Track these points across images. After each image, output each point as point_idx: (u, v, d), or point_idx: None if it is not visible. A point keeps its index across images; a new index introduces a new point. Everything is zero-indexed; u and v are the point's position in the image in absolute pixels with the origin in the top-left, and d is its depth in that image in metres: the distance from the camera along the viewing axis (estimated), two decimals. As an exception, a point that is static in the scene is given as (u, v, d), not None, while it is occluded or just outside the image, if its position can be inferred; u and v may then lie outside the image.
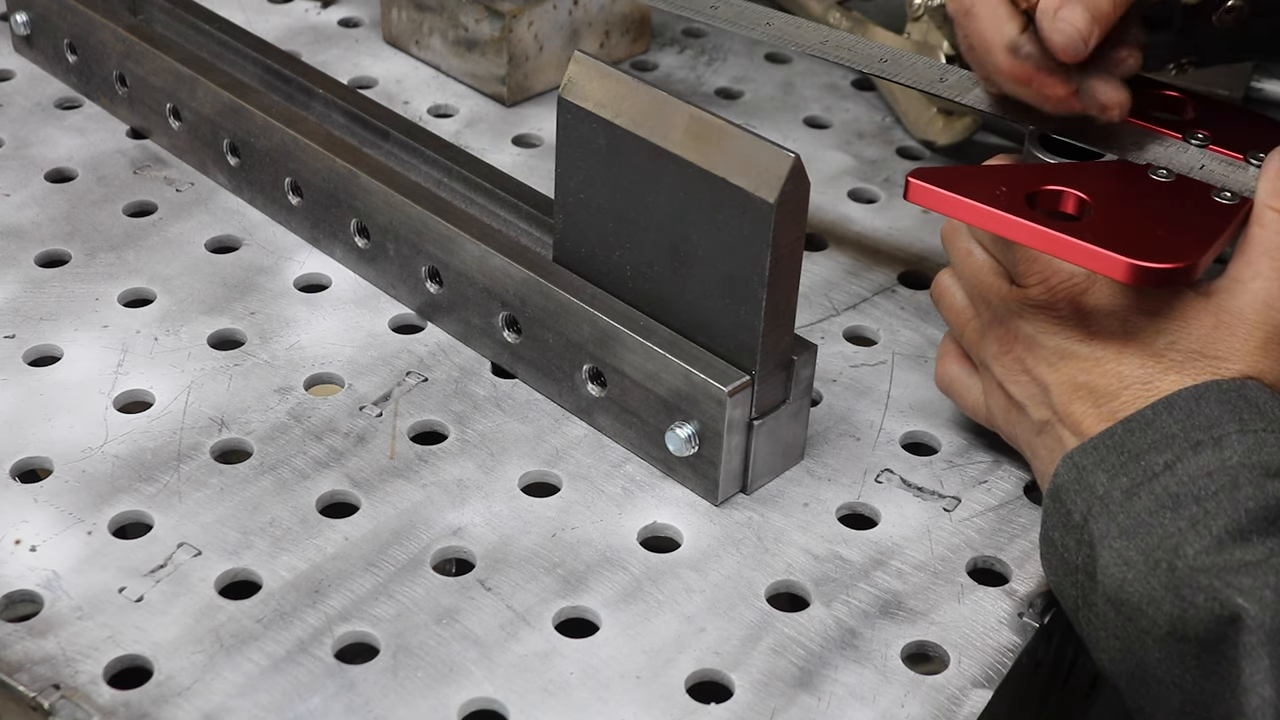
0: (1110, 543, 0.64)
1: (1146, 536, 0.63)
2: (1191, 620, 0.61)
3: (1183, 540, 0.62)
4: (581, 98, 0.74)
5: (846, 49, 0.83)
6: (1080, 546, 0.66)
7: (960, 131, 1.01)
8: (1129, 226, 0.69)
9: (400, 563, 0.71)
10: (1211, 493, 0.63)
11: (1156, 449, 0.65)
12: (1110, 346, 0.69)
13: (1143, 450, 0.65)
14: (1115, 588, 0.64)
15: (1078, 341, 0.70)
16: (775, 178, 0.67)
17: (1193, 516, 0.62)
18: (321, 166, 0.86)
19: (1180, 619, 0.61)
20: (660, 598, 0.70)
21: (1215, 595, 0.60)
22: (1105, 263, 0.67)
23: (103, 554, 0.70)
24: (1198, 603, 0.60)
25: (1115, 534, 0.64)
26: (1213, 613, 0.60)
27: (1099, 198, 0.71)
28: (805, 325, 0.86)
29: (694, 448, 0.73)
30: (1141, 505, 0.64)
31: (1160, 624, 0.62)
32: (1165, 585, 0.62)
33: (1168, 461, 0.65)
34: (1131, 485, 0.65)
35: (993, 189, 0.70)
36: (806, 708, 0.65)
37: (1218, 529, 0.62)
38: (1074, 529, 0.66)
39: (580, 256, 0.77)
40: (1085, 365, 0.69)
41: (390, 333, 0.85)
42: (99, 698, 0.63)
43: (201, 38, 1.01)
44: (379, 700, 0.64)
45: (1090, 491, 0.66)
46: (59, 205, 0.93)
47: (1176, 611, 0.61)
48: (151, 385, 0.80)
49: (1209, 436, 0.64)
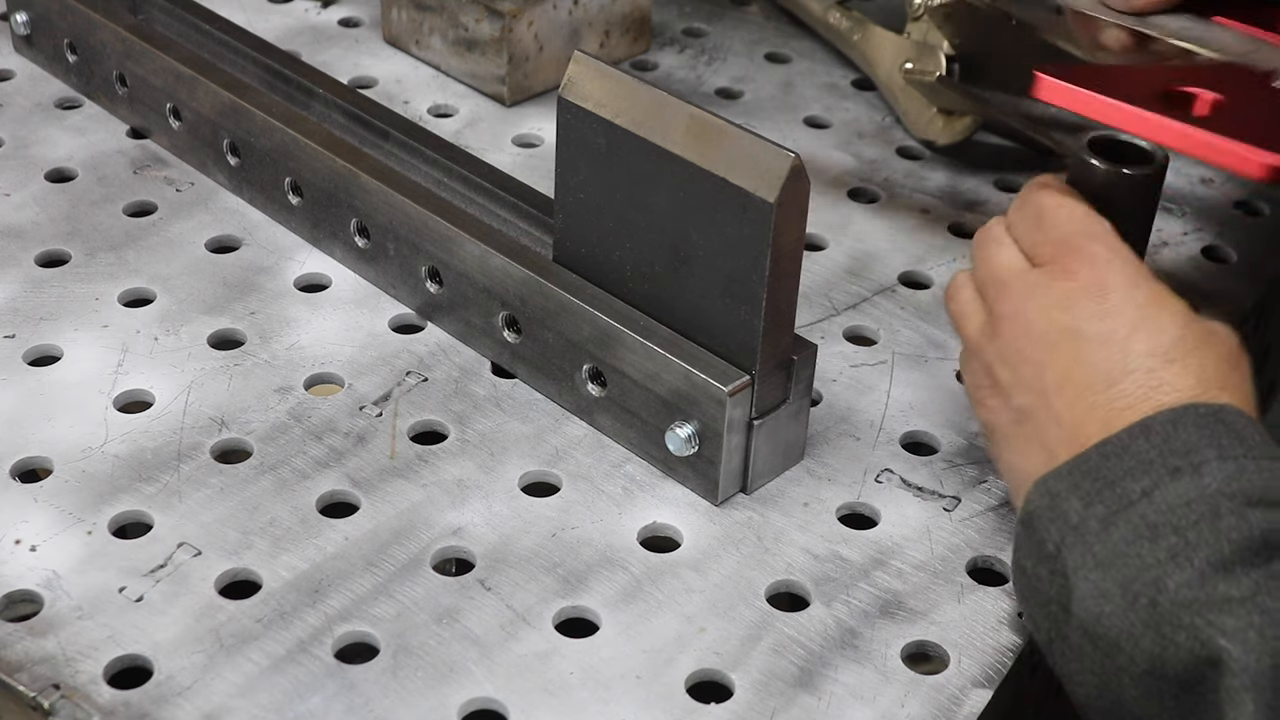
0: (1086, 574, 0.62)
1: (1124, 568, 0.61)
2: (1171, 659, 0.59)
3: (1163, 573, 0.60)
4: (581, 98, 0.74)
5: None
6: (1054, 577, 0.63)
7: (960, 131, 1.01)
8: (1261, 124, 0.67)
9: (400, 563, 0.71)
10: (1192, 522, 0.60)
11: (1133, 475, 0.62)
12: (1120, 329, 0.66)
13: (1118, 477, 0.63)
14: (1092, 621, 0.61)
15: (1085, 320, 0.67)
16: (775, 178, 0.67)
17: (1172, 548, 0.60)
18: (321, 166, 0.86)
19: (1159, 657, 0.59)
20: (660, 598, 0.70)
21: (1197, 635, 0.58)
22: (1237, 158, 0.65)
23: (103, 554, 0.70)
24: (1178, 641, 0.58)
25: (1091, 565, 0.62)
26: (1193, 653, 0.58)
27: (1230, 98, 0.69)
28: (805, 325, 0.86)
29: (694, 448, 0.73)
30: (1119, 535, 0.61)
31: (1139, 661, 0.60)
32: (1145, 621, 0.60)
33: (1144, 489, 0.62)
34: (1108, 514, 0.62)
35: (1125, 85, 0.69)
36: (806, 708, 0.65)
37: (1200, 561, 0.59)
38: (1047, 559, 0.64)
39: (580, 256, 0.77)
40: (1091, 346, 0.66)
41: (390, 333, 0.85)
42: (99, 698, 0.63)
43: (201, 38, 1.01)
44: (379, 700, 0.64)
45: (1064, 520, 0.63)
46: (59, 205, 0.93)
47: (1156, 649, 0.59)
48: (151, 385, 0.80)
49: (1187, 463, 0.62)
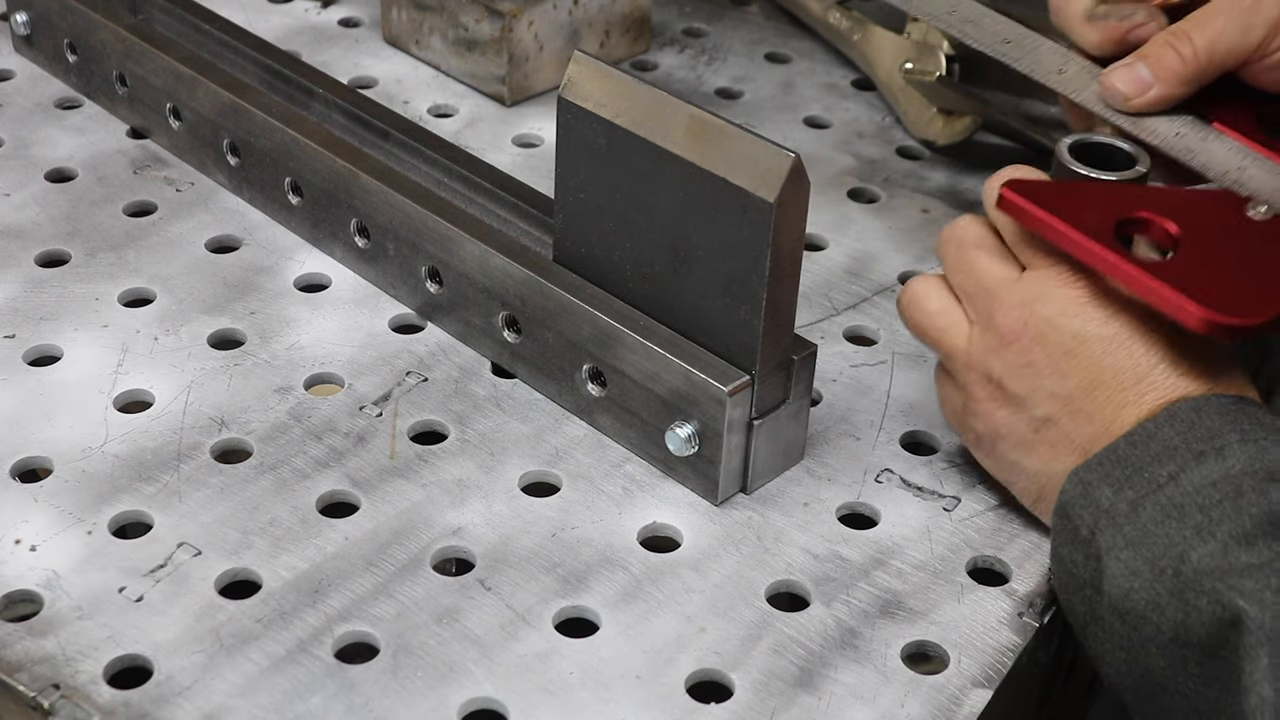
0: (1117, 554, 0.64)
1: (1152, 546, 0.63)
2: (1194, 625, 0.61)
3: (1188, 547, 0.62)
4: (581, 98, 0.74)
5: (972, 24, 0.81)
6: (1088, 561, 0.66)
7: (960, 131, 1.01)
8: (1211, 271, 0.66)
9: (400, 562, 0.71)
10: (1216, 501, 0.63)
11: (1159, 461, 0.65)
12: (1137, 329, 0.68)
13: (1146, 463, 0.65)
14: (1121, 597, 0.64)
15: (1095, 324, 0.68)
16: (775, 178, 0.67)
17: (1198, 525, 0.63)
18: (321, 166, 0.86)
19: (1183, 624, 0.61)
20: (660, 597, 0.70)
21: (1218, 598, 0.60)
22: (1180, 310, 0.65)
23: (103, 554, 0.70)
24: (1200, 606, 0.61)
25: (1122, 545, 0.64)
26: (1215, 615, 0.60)
27: (1189, 233, 0.68)
28: (805, 325, 0.86)
29: (694, 447, 0.73)
30: (1147, 516, 0.64)
31: (1164, 630, 0.62)
32: (1170, 590, 0.62)
33: (1171, 473, 0.64)
34: (1137, 497, 0.65)
35: (1084, 212, 0.68)
36: (806, 707, 0.65)
37: (1222, 535, 0.62)
38: (1081, 544, 0.66)
39: (580, 256, 0.77)
40: (1109, 348, 0.68)
41: (390, 333, 0.85)
42: (99, 697, 0.63)
43: (201, 38, 1.01)
44: (379, 700, 0.64)
45: (1096, 505, 0.66)
46: (59, 205, 0.93)
47: (1180, 616, 0.61)
48: (151, 385, 0.80)
49: (1211, 447, 0.64)
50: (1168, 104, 0.75)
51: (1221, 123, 0.75)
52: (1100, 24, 0.77)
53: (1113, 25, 0.77)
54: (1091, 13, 0.77)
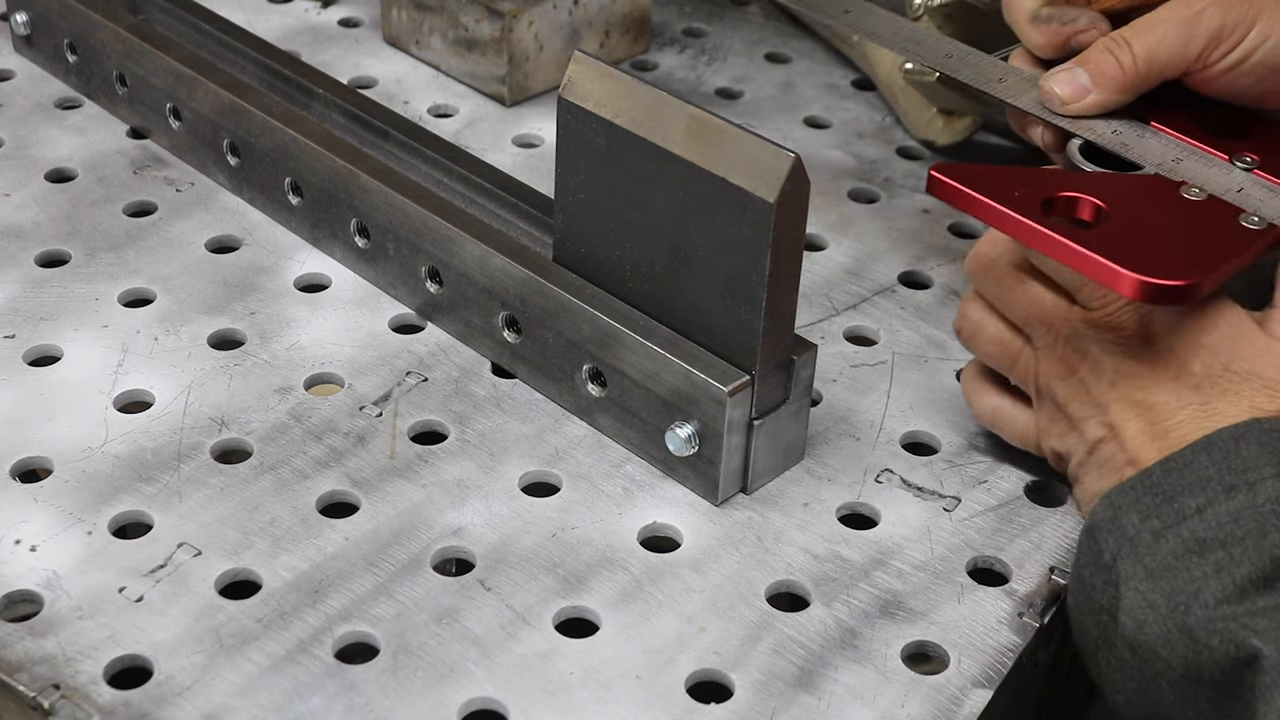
0: (1136, 584, 0.64)
1: (1171, 580, 0.63)
2: (1207, 663, 0.61)
3: (1204, 586, 0.62)
4: (581, 98, 0.74)
5: (915, 43, 0.84)
6: (1107, 586, 0.66)
7: (960, 131, 1.01)
8: (1140, 240, 0.68)
9: (400, 563, 0.71)
10: (1238, 538, 0.62)
11: (1191, 492, 0.65)
12: (1170, 367, 0.68)
13: (1177, 492, 0.65)
14: (1134, 629, 0.63)
15: (1138, 361, 0.69)
16: (775, 178, 0.67)
17: (1218, 562, 0.62)
18: (321, 166, 0.86)
19: (1194, 661, 0.61)
20: (660, 598, 0.70)
21: (1231, 638, 0.60)
22: (1108, 274, 0.66)
23: (103, 554, 0.70)
24: (1213, 645, 0.60)
25: (1141, 576, 0.64)
26: (1228, 655, 0.60)
27: (1118, 208, 0.70)
28: (805, 325, 0.86)
29: (694, 448, 0.73)
30: (1168, 549, 0.64)
31: (1175, 666, 0.62)
32: (1180, 628, 0.62)
33: (1199, 505, 0.64)
34: (1161, 527, 0.64)
35: (1010, 190, 0.69)
36: (806, 708, 0.65)
37: (1241, 577, 0.61)
38: (1103, 568, 0.66)
39: (580, 256, 0.77)
40: (1144, 383, 0.69)
41: (390, 333, 0.85)
42: (99, 698, 0.63)
43: (201, 38, 1.01)
44: (379, 700, 0.64)
45: (1121, 532, 0.66)
46: (59, 205, 0.93)
47: (1191, 655, 0.61)
48: (151, 385, 0.80)
49: (1243, 480, 0.64)
50: (1105, 109, 0.76)
51: (1160, 124, 0.76)
52: (1043, 27, 0.78)
53: (1055, 29, 0.78)
54: (1036, 14, 0.78)
